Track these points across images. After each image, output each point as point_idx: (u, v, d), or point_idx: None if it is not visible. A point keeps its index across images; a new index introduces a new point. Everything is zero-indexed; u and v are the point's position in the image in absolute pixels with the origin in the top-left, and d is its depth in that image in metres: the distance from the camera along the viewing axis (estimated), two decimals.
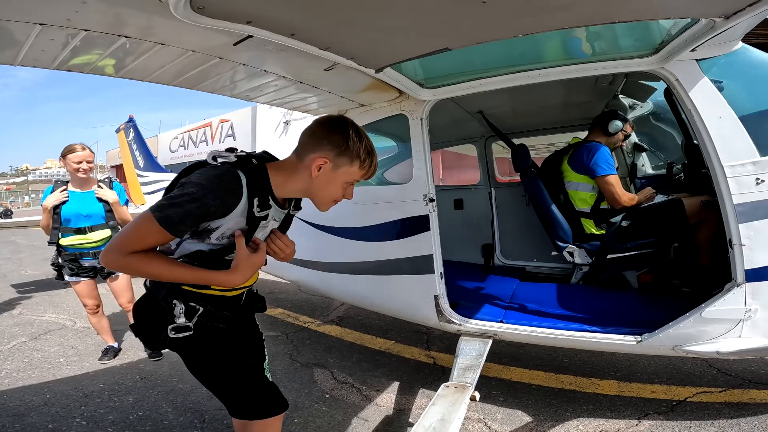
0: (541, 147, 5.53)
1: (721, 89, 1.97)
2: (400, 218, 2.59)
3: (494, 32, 1.55)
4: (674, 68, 2.01)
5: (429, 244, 2.51)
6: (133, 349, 3.82)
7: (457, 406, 2.01)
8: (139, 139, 7.78)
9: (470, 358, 2.44)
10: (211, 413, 2.70)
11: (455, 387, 2.20)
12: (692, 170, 3.04)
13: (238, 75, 2.07)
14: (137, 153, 7.66)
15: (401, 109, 2.58)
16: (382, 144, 3.39)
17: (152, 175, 7.27)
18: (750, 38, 1.99)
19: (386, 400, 2.81)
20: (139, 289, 3.93)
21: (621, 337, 2.19)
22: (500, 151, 4.55)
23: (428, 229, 2.49)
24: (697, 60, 1.98)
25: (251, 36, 1.51)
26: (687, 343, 2.06)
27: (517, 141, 3.69)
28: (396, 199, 2.60)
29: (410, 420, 2.53)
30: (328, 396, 2.89)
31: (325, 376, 3.17)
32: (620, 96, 3.50)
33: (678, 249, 3.05)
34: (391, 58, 1.89)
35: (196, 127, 24.77)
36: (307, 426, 2.54)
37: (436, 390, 2.22)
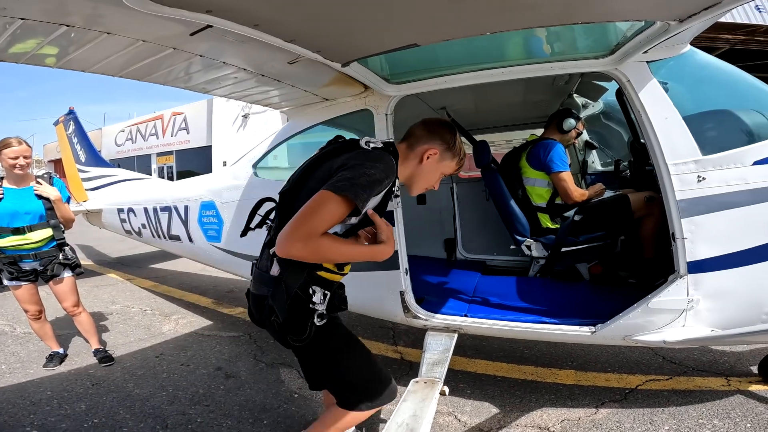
0: (500, 143, 5.66)
1: (666, 90, 2.07)
2: None
3: (463, 29, 1.55)
4: (626, 69, 2.09)
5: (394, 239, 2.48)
6: (81, 354, 3.56)
7: (427, 401, 2.01)
8: (81, 133, 7.19)
9: (437, 353, 2.45)
10: (173, 418, 2.56)
11: (425, 382, 2.20)
12: (637, 167, 3.21)
13: (193, 66, 1.95)
14: (78, 147, 7.09)
15: (366, 104, 2.54)
16: None
17: (95, 170, 6.75)
18: (697, 41, 2.13)
19: None
20: (83, 291, 3.68)
21: (577, 328, 2.26)
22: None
23: (393, 224, 2.47)
24: (647, 62, 2.06)
25: (210, 26, 1.41)
26: (636, 333, 2.14)
27: (478, 137, 3.73)
28: None
29: (382, 416, 2.52)
30: (296, 396, 2.83)
31: (292, 375, 3.09)
32: (574, 95, 3.63)
33: (624, 242, 3.22)
34: (359, 52, 1.84)
35: (145, 119, 23.30)
36: (277, 427, 2.47)
37: (405, 385, 2.22)
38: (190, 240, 3.87)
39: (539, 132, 3.55)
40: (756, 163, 1.94)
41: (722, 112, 2.20)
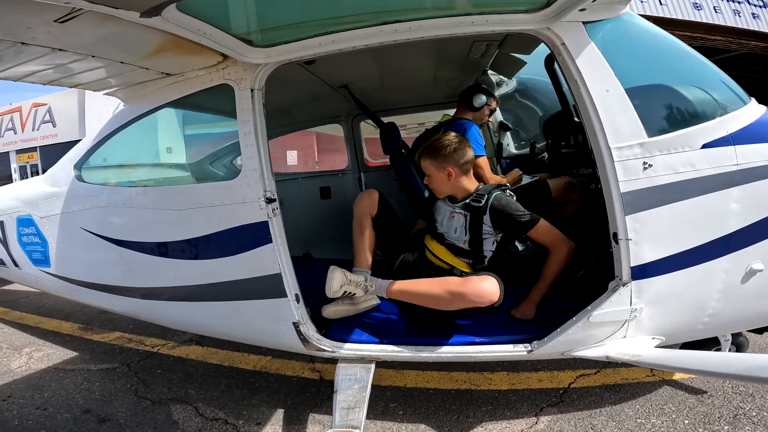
0: (411, 126, 5.20)
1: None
2: (227, 228, 1.86)
3: None
4: (561, 30, 1.61)
5: (273, 260, 1.83)
6: None
7: None
8: None
9: (352, 393, 1.93)
10: None
11: None
12: (555, 149, 2.90)
13: None
14: None
15: (225, 77, 1.76)
16: (216, 129, 2.54)
17: None
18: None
19: None
20: None
21: (511, 347, 1.92)
22: (372, 131, 4.04)
23: (269, 240, 1.81)
24: (584, 23, 1.61)
25: None
26: (576, 348, 1.86)
27: (386, 119, 3.18)
28: (219, 201, 1.86)
29: None
30: None
31: (187, 413, 2.42)
32: (489, 72, 3.19)
33: None
34: None
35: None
36: None
37: (327, 413, 1.92)
38: (16, 265, 2.89)
39: (453, 112, 3.08)
40: (705, 146, 1.60)
41: (666, 88, 1.82)
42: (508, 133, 3.79)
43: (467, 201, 2.08)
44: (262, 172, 1.74)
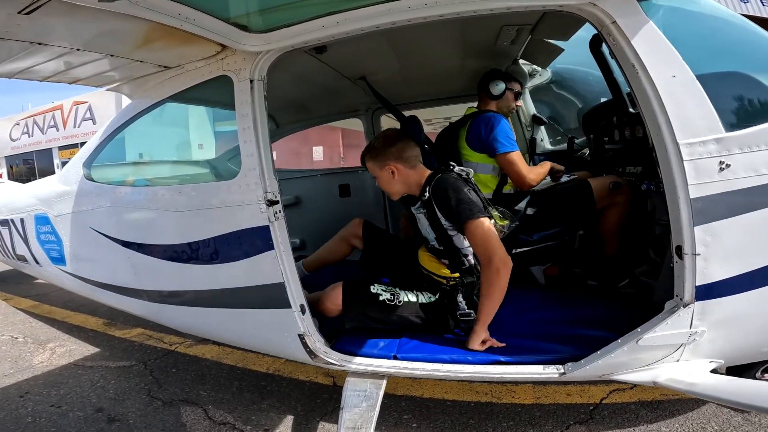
0: (437, 121, 4.94)
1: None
2: (227, 232, 1.70)
3: None
4: (610, 6, 1.34)
5: (275, 268, 1.66)
6: None
7: None
8: None
9: (359, 411, 1.77)
10: None
11: None
12: (597, 145, 2.58)
13: None
14: None
15: (224, 68, 1.61)
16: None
17: None
18: None
19: None
20: None
21: (541, 368, 1.71)
22: (394, 125, 3.84)
23: (271, 247, 1.63)
24: None
25: None
26: (617, 372, 1.63)
27: (407, 113, 2.98)
28: (220, 202, 1.70)
29: None
30: None
31: (196, 416, 2.36)
32: (520, 61, 2.89)
33: (582, 237, 2.59)
34: None
35: (42, 111, 20.77)
36: None
37: (337, 423, 1.76)
38: (36, 262, 2.92)
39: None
40: None
41: (742, 75, 1.54)
42: (543, 128, 3.45)
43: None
44: (262, 172, 1.58)
